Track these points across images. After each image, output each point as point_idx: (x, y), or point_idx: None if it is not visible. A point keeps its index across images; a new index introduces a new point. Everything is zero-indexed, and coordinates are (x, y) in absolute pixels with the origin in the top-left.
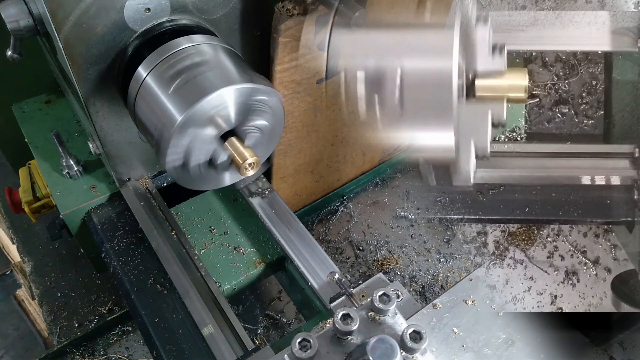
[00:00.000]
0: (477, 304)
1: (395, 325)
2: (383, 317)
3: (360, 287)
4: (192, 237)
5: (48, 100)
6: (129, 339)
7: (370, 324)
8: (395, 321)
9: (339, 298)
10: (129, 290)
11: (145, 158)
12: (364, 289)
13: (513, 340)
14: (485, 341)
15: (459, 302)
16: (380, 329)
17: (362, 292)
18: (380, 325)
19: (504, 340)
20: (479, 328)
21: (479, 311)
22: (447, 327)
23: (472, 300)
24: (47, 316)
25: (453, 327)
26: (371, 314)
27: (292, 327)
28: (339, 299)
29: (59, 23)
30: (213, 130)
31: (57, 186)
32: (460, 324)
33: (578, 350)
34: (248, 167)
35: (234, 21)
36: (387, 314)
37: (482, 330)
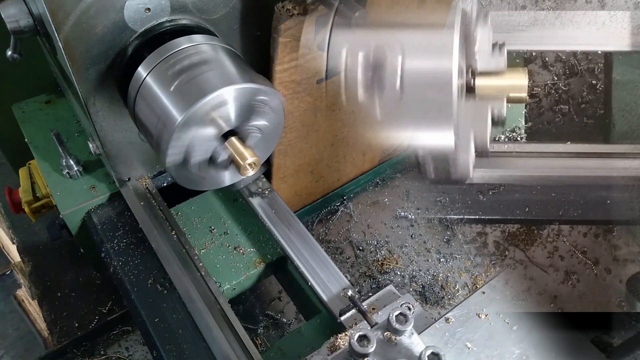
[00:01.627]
0: (490, 318)
1: (412, 346)
2: (399, 337)
3: (371, 299)
4: (192, 237)
5: (48, 100)
6: (129, 339)
7: (386, 345)
8: (412, 341)
9: (349, 311)
10: (129, 290)
11: (145, 158)
12: (374, 302)
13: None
14: (500, 356)
15: (472, 315)
16: (397, 350)
17: (372, 304)
18: (396, 346)
19: (518, 356)
20: (493, 343)
21: (492, 325)
22: (460, 342)
23: (485, 314)
24: (47, 316)
25: (466, 342)
26: (387, 334)
27: (292, 327)
28: (349, 312)
29: (59, 23)
30: (213, 130)
31: (57, 186)
32: (473, 339)
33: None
34: (248, 167)
35: (234, 21)
36: (404, 334)
37: (496, 345)
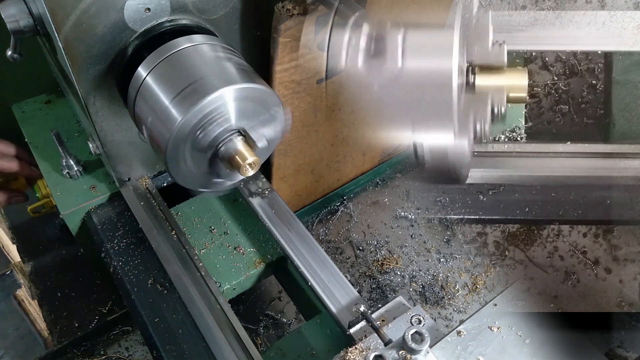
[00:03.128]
0: (503, 331)
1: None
2: (414, 356)
3: (380, 311)
4: (192, 237)
5: (48, 100)
6: (129, 339)
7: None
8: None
9: (359, 323)
10: (129, 290)
11: (145, 158)
12: (383, 314)
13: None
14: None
15: (484, 328)
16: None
17: (382, 316)
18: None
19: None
20: (506, 357)
21: (505, 338)
22: (473, 355)
23: (497, 327)
24: (47, 316)
25: (479, 356)
26: (402, 353)
27: (292, 327)
28: (359, 324)
29: (59, 23)
30: (213, 130)
31: (57, 186)
32: (486, 353)
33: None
34: (248, 167)
35: (234, 21)
36: (419, 353)
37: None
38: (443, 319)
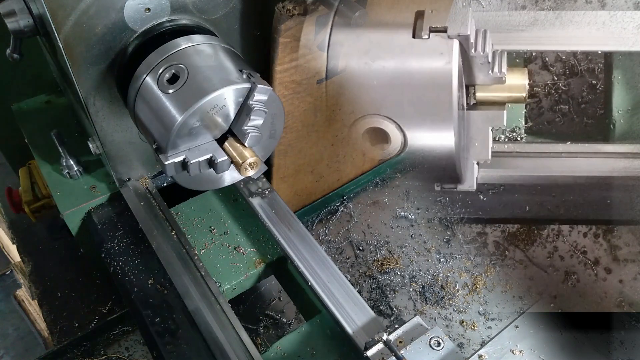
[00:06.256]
0: (525, 354)
1: None
2: None
3: (397, 332)
4: (192, 237)
5: (48, 100)
6: (129, 339)
7: None
8: None
9: (375, 345)
10: (129, 290)
11: (145, 158)
12: (401, 335)
13: None
14: None
15: (506, 352)
16: None
17: (399, 338)
18: None
19: None
20: None
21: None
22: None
23: (519, 350)
24: (47, 316)
25: None
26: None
27: (292, 327)
28: (375, 345)
29: (59, 23)
30: (213, 130)
31: (57, 186)
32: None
33: (578, 350)
34: (248, 167)
35: (234, 21)
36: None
37: None
38: (443, 319)
